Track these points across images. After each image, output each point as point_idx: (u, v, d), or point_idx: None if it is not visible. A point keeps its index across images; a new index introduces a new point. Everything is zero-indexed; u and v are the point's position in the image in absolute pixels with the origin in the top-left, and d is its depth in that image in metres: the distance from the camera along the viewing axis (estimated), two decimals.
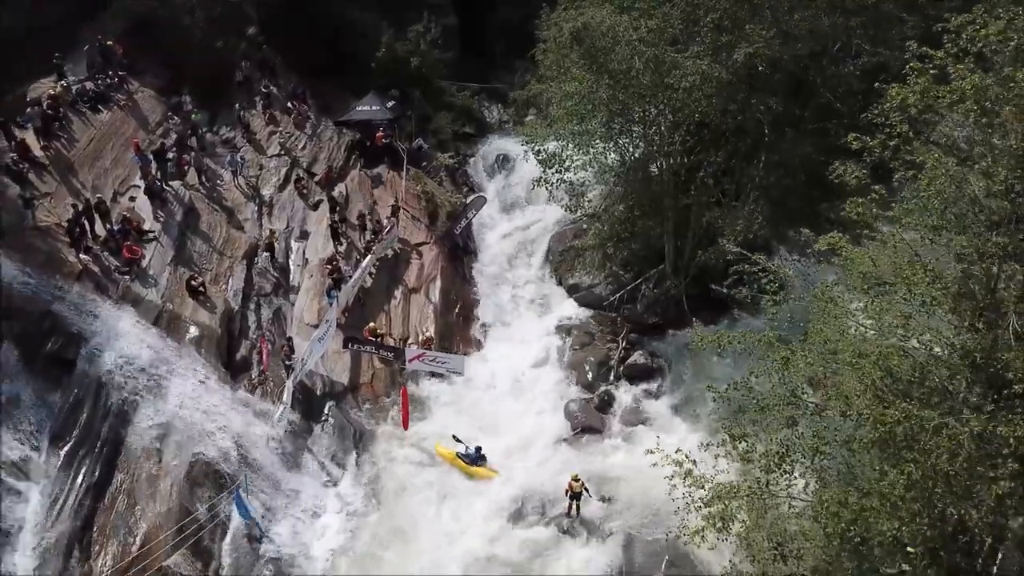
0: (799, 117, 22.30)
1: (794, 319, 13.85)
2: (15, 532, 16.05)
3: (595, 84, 21.38)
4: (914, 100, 10.58)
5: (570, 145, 23.73)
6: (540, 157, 24.66)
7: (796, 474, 11.41)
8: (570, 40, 22.11)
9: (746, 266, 14.18)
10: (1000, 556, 10.23)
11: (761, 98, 21.46)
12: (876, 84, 13.06)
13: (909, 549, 9.30)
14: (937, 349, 9.96)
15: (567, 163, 24.30)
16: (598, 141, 23.10)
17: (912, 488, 9.04)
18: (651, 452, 12.79)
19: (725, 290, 18.46)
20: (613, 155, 24.06)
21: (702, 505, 11.95)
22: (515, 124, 33.36)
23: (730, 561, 12.72)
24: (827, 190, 17.58)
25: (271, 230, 25.31)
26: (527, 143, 25.32)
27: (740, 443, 11.19)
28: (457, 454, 20.79)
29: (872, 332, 10.45)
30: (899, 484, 9.13)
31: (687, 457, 12.49)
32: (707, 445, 13.04)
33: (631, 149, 24.22)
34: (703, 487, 12.03)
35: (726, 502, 11.17)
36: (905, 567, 9.64)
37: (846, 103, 21.24)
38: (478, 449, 20.64)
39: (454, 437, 21.02)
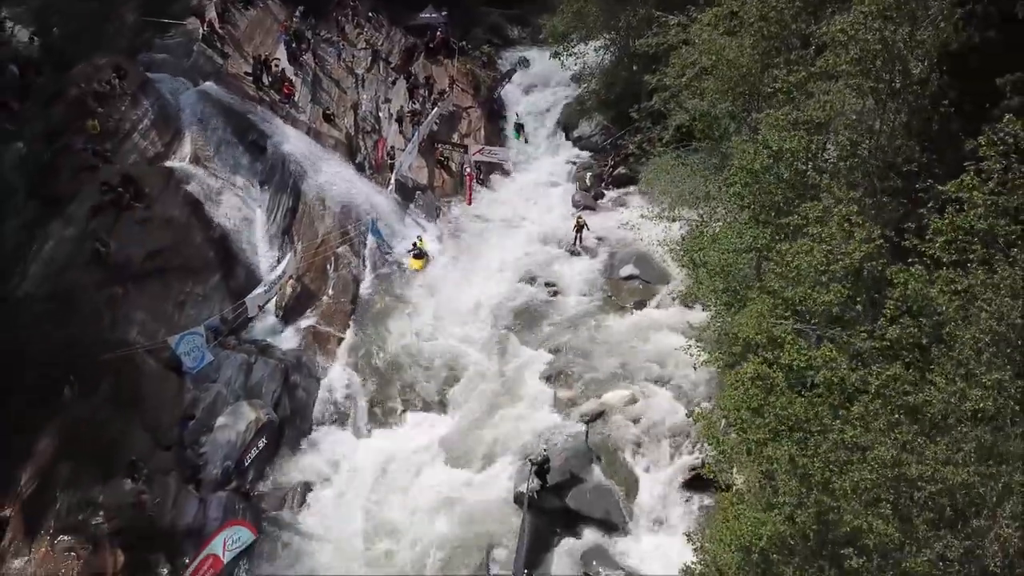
0: None
1: None
2: (252, 225, 27.67)
3: None
4: None
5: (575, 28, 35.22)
6: (557, 39, 36.18)
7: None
8: None
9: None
10: None
11: None
12: None
13: None
14: None
15: (574, 41, 35.72)
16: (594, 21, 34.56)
17: None
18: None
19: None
20: (605, 33, 35.51)
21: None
22: (531, 40, 44.76)
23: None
24: None
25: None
26: (546, 32, 36.76)
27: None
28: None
29: None
30: None
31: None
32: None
33: (614, 34, 35.61)
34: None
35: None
36: None
37: None
38: (415, 244, 29.96)
39: (418, 237, 30.51)
